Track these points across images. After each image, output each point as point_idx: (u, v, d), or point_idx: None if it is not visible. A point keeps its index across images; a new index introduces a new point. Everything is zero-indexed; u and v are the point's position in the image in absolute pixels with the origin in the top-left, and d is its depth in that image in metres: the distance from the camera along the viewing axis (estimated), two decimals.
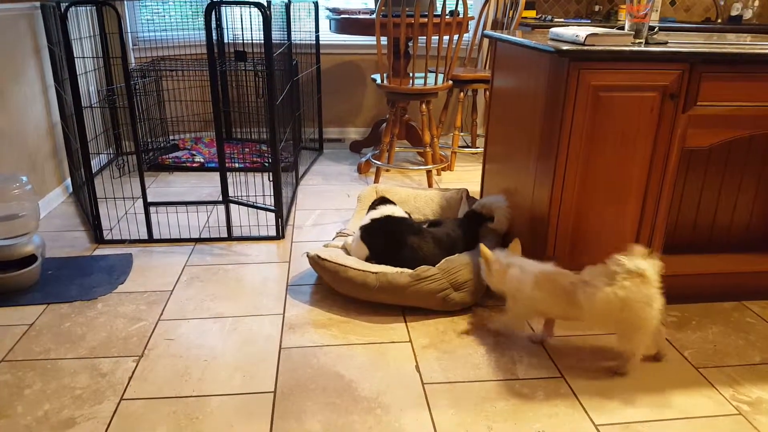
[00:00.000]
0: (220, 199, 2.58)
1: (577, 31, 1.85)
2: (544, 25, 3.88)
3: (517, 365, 1.78)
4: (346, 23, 3.39)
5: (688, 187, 2.26)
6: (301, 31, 3.76)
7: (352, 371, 1.74)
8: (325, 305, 2.09)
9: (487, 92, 3.69)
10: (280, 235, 2.63)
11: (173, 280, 2.25)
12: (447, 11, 3.11)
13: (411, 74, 3.63)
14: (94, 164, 3.29)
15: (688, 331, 1.98)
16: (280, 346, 1.86)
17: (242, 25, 3.86)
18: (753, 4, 4.21)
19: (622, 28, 2.00)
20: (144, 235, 2.59)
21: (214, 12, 3.24)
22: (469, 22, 3.63)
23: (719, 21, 4.28)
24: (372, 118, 4.30)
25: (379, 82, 3.27)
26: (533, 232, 2.08)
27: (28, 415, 1.54)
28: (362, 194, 2.68)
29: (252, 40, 3.69)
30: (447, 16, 3.12)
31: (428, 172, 3.40)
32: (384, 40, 3.52)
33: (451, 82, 3.33)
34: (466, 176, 3.60)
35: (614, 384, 1.71)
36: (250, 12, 3.69)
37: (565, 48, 1.76)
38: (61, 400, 1.60)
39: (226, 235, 2.61)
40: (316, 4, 3.79)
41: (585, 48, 1.76)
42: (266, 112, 2.47)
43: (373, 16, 3.25)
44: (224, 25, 3.88)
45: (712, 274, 2.13)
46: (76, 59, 2.32)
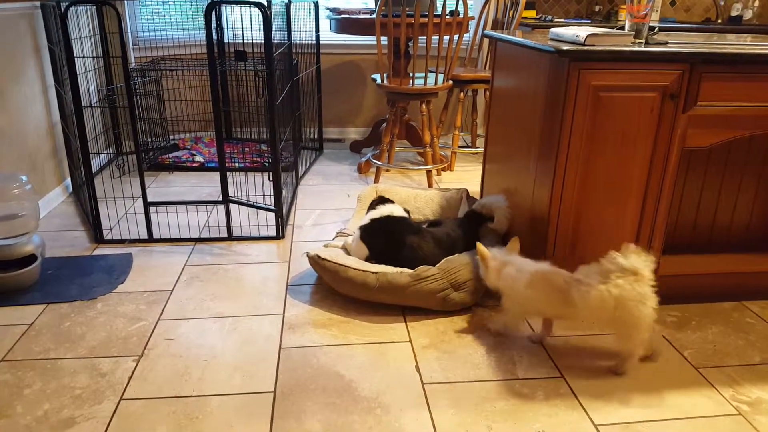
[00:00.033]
0: (220, 199, 2.58)
1: (578, 32, 1.85)
2: (544, 25, 3.88)
3: (517, 365, 1.78)
4: (347, 23, 3.39)
5: (688, 187, 2.26)
6: (302, 31, 3.76)
7: (352, 371, 1.74)
8: (325, 305, 2.09)
9: (487, 92, 3.69)
10: (280, 235, 2.63)
11: (173, 280, 2.25)
12: (447, 11, 3.11)
13: (411, 74, 3.63)
14: (94, 164, 3.29)
15: (688, 331, 1.98)
16: (280, 345, 1.86)
17: (242, 25, 3.86)
18: (753, 4, 4.21)
19: (623, 29, 2.00)
20: (144, 235, 2.59)
21: (214, 12, 3.23)
22: (469, 22, 3.63)
23: (719, 21, 4.28)
24: (372, 118, 4.30)
25: (379, 82, 3.27)
26: (533, 232, 2.08)
27: (28, 415, 1.54)
28: (362, 194, 2.68)
29: (252, 39, 3.69)
30: (447, 16, 3.12)
31: (428, 172, 3.40)
32: (384, 40, 3.52)
33: (451, 82, 3.33)
34: (466, 176, 3.60)
35: (614, 384, 1.71)
36: (250, 12, 3.69)
37: (565, 48, 1.76)
38: (61, 400, 1.60)
39: (226, 235, 2.61)
40: (317, 4, 3.79)
41: (585, 48, 1.76)
42: (266, 112, 2.47)
43: (374, 16, 3.25)
44: (224, 25, 3.87)
45: (712, 274, 2.13)
46: (76, 59, 2.32)
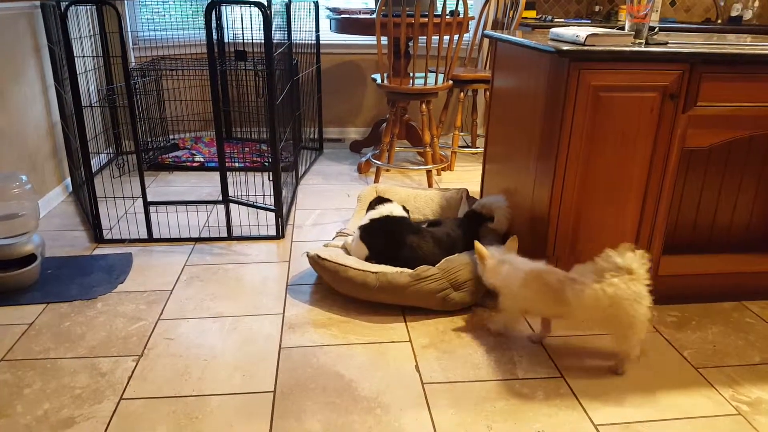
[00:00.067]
0: (220, 199, 2.58)
1: (578, 32, 1.85)
2: (545, 26, 3.88)
3: (517, 365, 1.78)
4: (347, 23, 3.39)
5: (688, 187, 2.26)
6: (302, 31, 3.76)
7: (352, 371, 1.74)
8: (325, 305, 2.09)
9: (487, 92, 3.69)
10: (280, 235, 2.63)
11: (173, 280, 2.25)
12: (447, 11, 3.11)
13: (411, 74, 3.63)
14: (94, 163, 3.29)
15: (688, 331, 1.98)
16: (280, 345, 1.86)
17: (242, 25, 3.86)
18: (753, 4, 4.21)
19: (623, 29, 2.00)
20: (144, 235, 2.59)
21: (214, 11, 3.23)
22: (470, 22, 3.63)
23: (719, 21, 4.28)
24: (372, 118, 4.30)
25: (379, 81, 3.27)
26: (533, 232, 2.08)
27: (28, 415, 1.54)
28: (362, 194, 2.68)
29: (252, 39, 3.70)
30: (447, 16, 3.12)
31: (428, 172, 3.40)
32: (384, 40, 3.52)
33: (451, 82, 3.33)
34: (466, 176, 3.60)
35: (614, 384, 1.71)
36: (250, 11, 3.69)
37: (565, 48, 1.76)
38: (61, 400, 1.60)
39: (226, 235, 2.61)
40: (317, 4, 3.78)
41: (585, 48, 1.76)
42: (266, 112, 2.47)
43: (374, 16, 3.25)
44: (224, 25, 3.87)
45: (712, 274, 2.13)
46: (76, 58, 2.32)
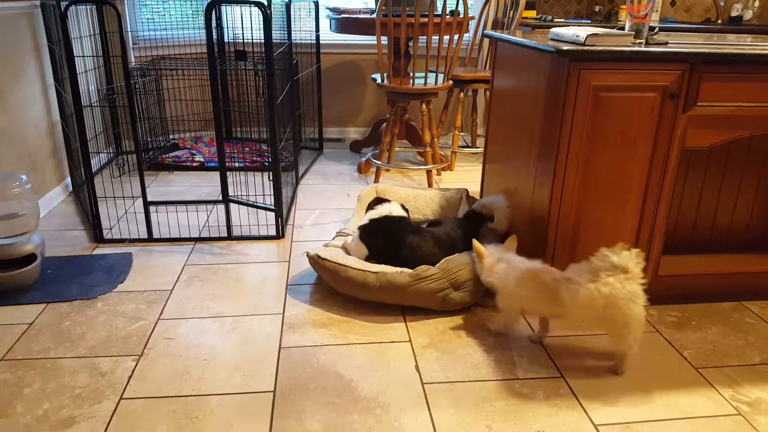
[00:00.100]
0: (220, 199, 2.58)
1: (578, 32, 1.85)
2: (545, 26, 3.88)
3: (517, 365, 1.78)
4: (347, 23, 3.39)
5: (688, 187, 2.26)
6: (302, 31, 3.76)
7: (352, 371, 1.74)
8: (325, 305, 2.09)
9: (488, 92, 3.69)
10: (280, 235, 2.63)
11: (173, 280, 2.25)
12: (447, 11, 3.11)
13: (411, 74, 3.63)
14: (94, 163, 3.29)
15: (688, 331, 1.98)
16: (280, 345, 1.86)
17: (242, 25, 3.86)
18: (753, 4, 4.21)
19: (623, 29, 2.00)
20: (144, 235, 2.59)
21: (214, 11, 3.23)
22: (470, 22, 3.63)
23: (719, 21, 4.28)
24: (372, 117, 4.30)
25: (379, 81, 3.27)
26: (533, 232, 2.08)
27: (28, 414, 1.54)
28: (362, 194, 2.68)
29: (252, 39, 3.70)
30: (447, 16, 3.12)
31: (428, 172, 3.40)
32: (384, 40, 3.52)
33: (451, 82, 3.33)
34: (466, 176, 3.60)
35: (614, 384, 1.71)
36: (250, 11, 3.69)
37: (565, 48, 1.76)
38: (61, 399, 1.60)
39: (225, 235, 2.61)
40: (317, 4, 3.78)
41: (585, 48, 1.76)
42: (266, 112, 2.47)
43: (374, 16, 3.25)
44: (224, 25, 3.87)
45: (712, 274, 2.13)
46: (76, 58, 2.32)
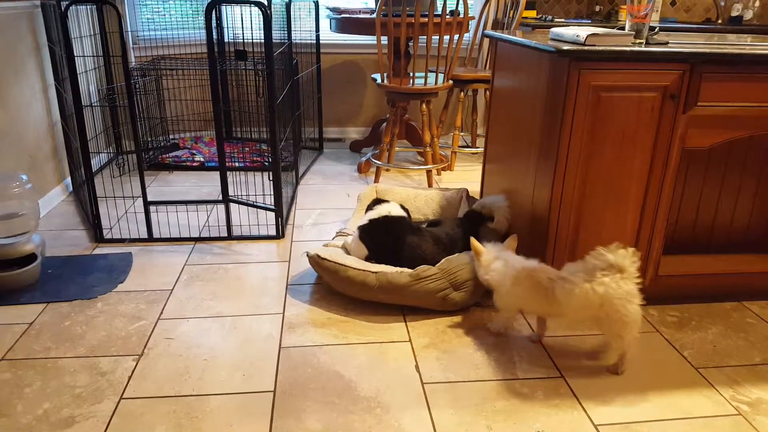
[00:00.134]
0: (220, 199, 2.58)
1: (578, 31, 1.85)
2: (545, 25, 3.88)
3: (517, 365, 1.78)
4: (347, 23, 3.39)
5: (688, 187, 2.26)
6: (302, 31, 3.76)
7: (352, 371, 1.74)
8: (325, 305, 2.09)
9: (488, 92, 3.69)
10: (280, 235, 2.63)
11: (173, 279, 2.25)
12: (447, 11, 3.11)
13: (411, 74, 3.63)
14: (94, 163, 3.29)
15: (688, 331, 1.98)
16: (280, 345, 1.86)
17: (242, 24, 3.86)
18: (753, 4, 4.21)
19: (623, 29, 2.00)
20: (144, 234, 2.59)
21: (214, 11, 3.23)
22: (470, 22, 3.63)
23: (720, 21, 4.28)
24: (372, 117, 4.30)
25: (379, 81, 3.27)
26: (533, 232, 2.08)
27: (28, 414, 1.54)
28: (362, 194, 2.68)
29: (252, 39, 3.70)
30: (447, 16, 3.12)
31: (428, 172, 3.40)
32: (384, 40, 3.52)
33: (451, 82, 3.33)
34: (466, 176, 3.60)
35: (614, 384, 1.71)
36: (250, 11, 3.69)
37: (565, 48, 1.76)
38: (61, 399, 1.60)
39: (226, 235, 2.61)
40: (317, 4, 3.78)
41: (586, 48, 1.76)
42: (266, 112, 2.47)
43: (374, 16, 3.25)
44: (225, 24, 3.87)
45: (712, 274, 2.13)
46: (77, 58, 2.32)
